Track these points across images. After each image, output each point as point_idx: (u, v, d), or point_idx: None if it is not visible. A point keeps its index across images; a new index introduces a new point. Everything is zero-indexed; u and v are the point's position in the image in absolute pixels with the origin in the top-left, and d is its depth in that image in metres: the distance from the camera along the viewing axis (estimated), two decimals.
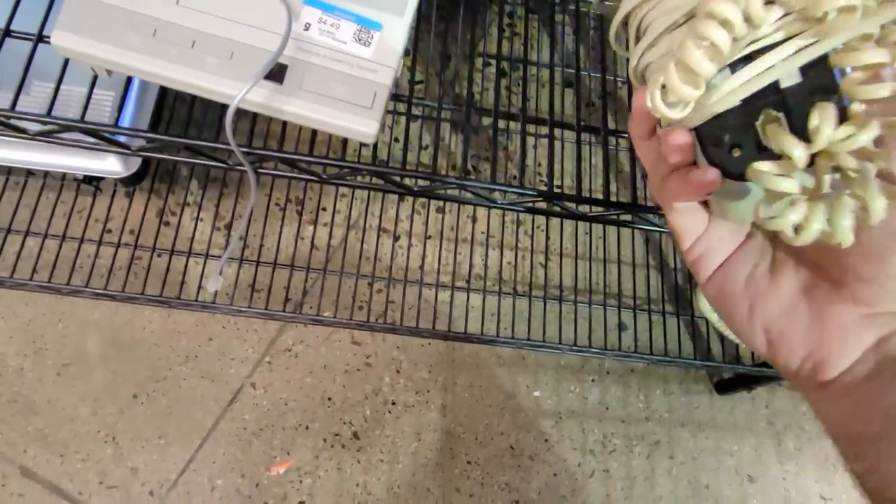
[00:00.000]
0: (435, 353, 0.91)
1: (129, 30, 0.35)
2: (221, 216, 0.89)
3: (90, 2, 0.35)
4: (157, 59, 0.35)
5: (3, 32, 0.39)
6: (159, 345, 0.85)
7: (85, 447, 0.79)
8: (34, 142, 0.63)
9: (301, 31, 0.36)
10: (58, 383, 0.81)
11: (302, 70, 0.36)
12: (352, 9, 0.37)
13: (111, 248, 0.77)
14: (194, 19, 0.36)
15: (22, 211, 0.77)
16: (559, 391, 0.91)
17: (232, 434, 0.83)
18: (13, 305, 0.83)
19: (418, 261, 0.91)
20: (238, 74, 0.36)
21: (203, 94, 0.36)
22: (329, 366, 0.88)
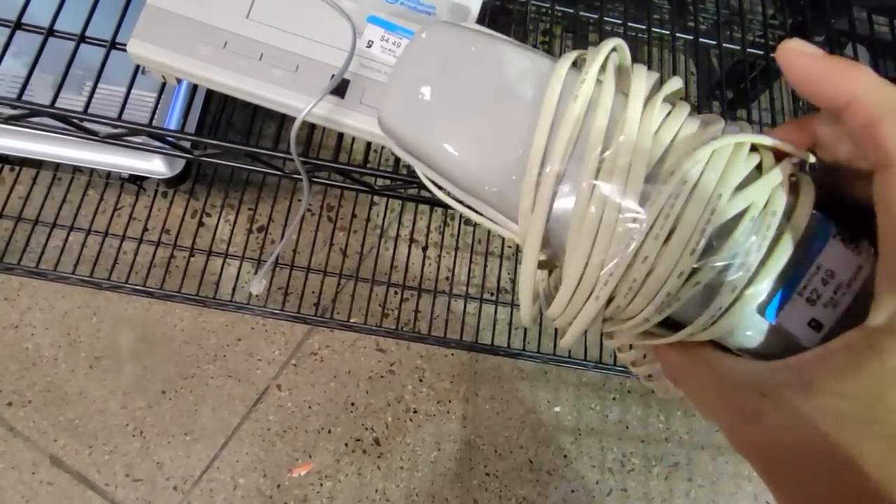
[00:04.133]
0: (458, 364, 0.91)
1: (201, 41, 0.37)
2: (257, 220, 0.91)
3: (165, 13, 0.37)
4: (226, 70, 0.37)
5: (79, 38, 0.40)
6: (189, 343, 0.87)
7: (113, 439, 0.81)
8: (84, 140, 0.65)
9: (364, 47, 0.38)
10: (90, 376, 0.83)
11: (363, 85, 0.37)
12: (413, 28, 0.39)
13: (149, 246, 0.79)
14: (263, 33, 0.37)
15: (65, 208, 0.79)
16: (580, 408, 0.92)
17: (256, 434, 0.84)
18: (50, 298, 0.85)
19: (446, 272, 0.93)
20: (303, 87, 0.37)
21: (268, 106, 0.37)
22: (353, 371, 0.89)
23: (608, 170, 0.20)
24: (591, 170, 0.20)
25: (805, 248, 0.20)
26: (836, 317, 0.20)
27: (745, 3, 0.72)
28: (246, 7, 0.38)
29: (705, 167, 0.20)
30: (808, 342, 0.20)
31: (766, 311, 0.20)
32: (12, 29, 0.41)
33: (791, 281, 0.20)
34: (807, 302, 0.20)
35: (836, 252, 0.20)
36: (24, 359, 0.83)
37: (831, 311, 0.20)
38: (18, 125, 0.40)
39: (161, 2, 0.37)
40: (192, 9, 0.37)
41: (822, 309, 0.20)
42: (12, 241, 0.76)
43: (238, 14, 0.38)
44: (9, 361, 0.82)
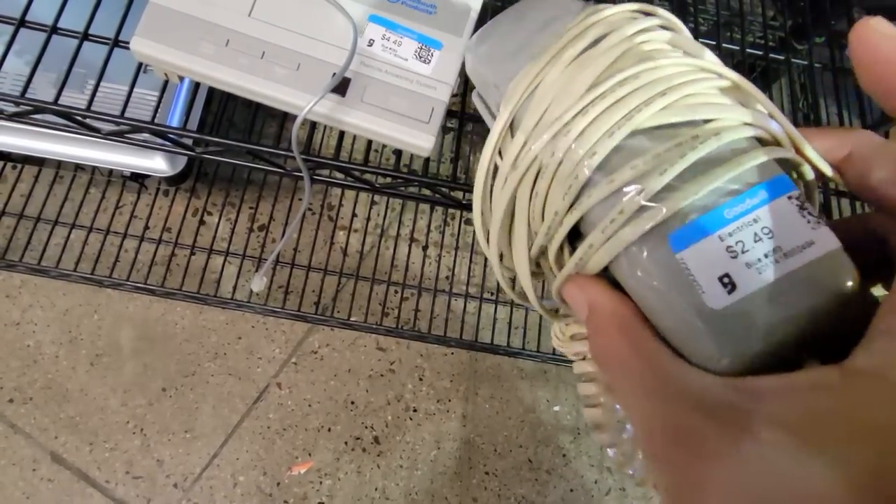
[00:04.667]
0: (458, 363, 0.92)
1: (204, 39, 0.37)
2: (257, 219, 0.91)
3: (168, 11, 0.37)
4: (228, 68, 0.37)
5: (82, 36, 0.41)
6: (190, 341, 0.87)
7: (114, 437, 0.81)
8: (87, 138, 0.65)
9: (365, 46, 0.38)
10: (91, 373, 0.83)
11: (364, 84, 0.38)
12: (414, 27, 0.39)
13: (150, 244, 0.80)
14: (265, 31, 0.38)
15: (67, 206, 0.80)
16: (579, 407, 0.92)
17: (256, 432, 0.84)
18: (52, 295, 0.85)
19: (446, 271, 0.93)
20: (304, 86, 0.37)
21: (270, 103, 0.38)
22: (353, 370, 0.89)
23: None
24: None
25: (747, 193, 0.18)
26: (757, 287, 0.17)
27: (746, 5, 0.72)
28: (248, 5, 0.38)
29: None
30: (713, 300, 0.17)
31: (671, 237, 0.18)
32: (16, 26, 0.41)
33: (715, 218, 0.17)
34: (727, 251, 0.17)
35: (784, 213, 0.18)
36: (25, 356, 0.83)
37: (754, 275, 0.17)
38: (21, 123, 0.41)
39: (164, 0, 0.38)
40: (194, 7, 0.38)
41: (742, 268, 0.17)
42: (14, 239, 0.77)
43: (240, 12, 0.38)
44: (10, 358, 0.83)
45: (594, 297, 0.19)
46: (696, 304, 0.17)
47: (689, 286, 0.17)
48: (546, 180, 0.21)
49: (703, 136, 0.18)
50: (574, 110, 0.20)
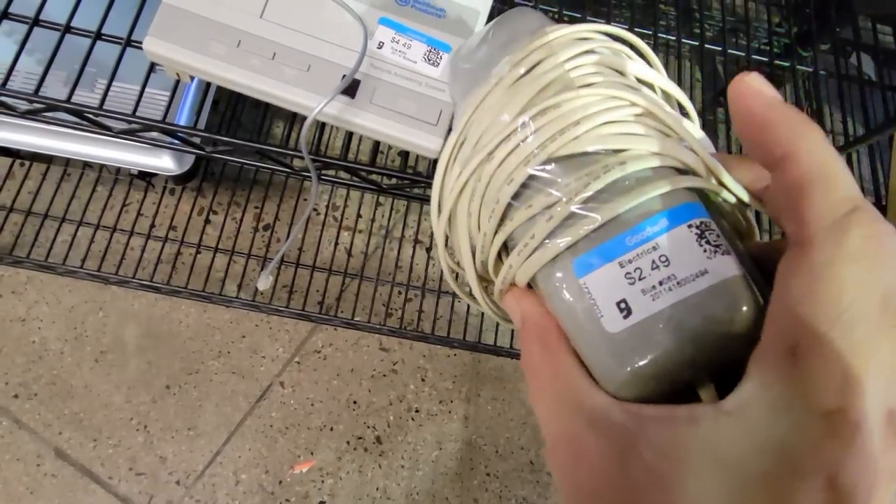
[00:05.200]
0: (460, 364, 0.92)
1: (215, 40, 0.38)
2: (263, 218, 0.91)
3: (181, 12, 0.38)
4: (239, 69, 0.37)
5: (95, 35, 0.41)
6: (194, 339, 0.87)
7: (117, 433, 0.82)
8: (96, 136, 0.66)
9: (374, 48, 0.39)
10: (95, 370, 0.84)
11: (373, 85, 0.38)
12: (423, 30, 0.39)
13: (156, 242, 0.80)
14: (276, 32, 0.38)
15: (74, 203, 0.80)
16: None
17: (258, 430, 0.85)
18: (57, 292, 0.86)
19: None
20: (314, 87, 0.38)
21: (280, 104, 0.38)
22: (356, 370, 0.89)
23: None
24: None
25: (648, 221, 0.18)
26: (651, 313, 0.18)
27: (751, 11, 0.73)
28: (259, 7, 0.38)
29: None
30: (610, 324, 0.18)
31: (575, 263, 0.19)
32: (30, 25, 0.42)
33: (616, 245, 0.18)
34: (625, 277, 0.18)
35: (682, 242, 0.18)
36: (30, 352, 0.84)
37: (648, 301, 0.18)
38: (33, 120, 0.41)
39: (177, 1, 0.38)
40: (206, 8, 0.38)
41: (638, 294, 0.18)
42: (21, 236, 0.77)
43: (252, 13, 0.38)
44: (15, 354, 0.83)
45: (525, 308, 0.21)
46: (596, 326, 0.18)
47: (591, 309, 0.18)
48: (476, 202, 0.22)
49: (610, 166, 0.19)
50: (498, 138, 0.21)
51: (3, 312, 0.85)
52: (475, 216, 0.22)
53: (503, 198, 0.21)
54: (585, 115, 0.20)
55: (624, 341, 0.18)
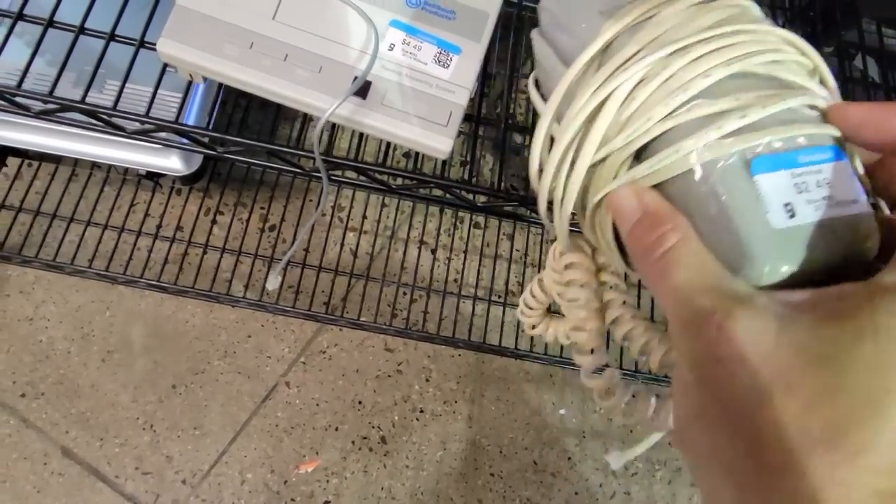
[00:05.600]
0: (464, 365, 0.92)
1: (228, 41, 0.38)
2: (269, 219, 0.92)
3: (194, 14, 0.38)
4: (252, 70, 0.38)
5: (109, 36, 0.42)
6: (200, 338, 0.88)
7: (124, 432, 0.82)
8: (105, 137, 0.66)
9: (385, 50, 0.39)
10: (102, 369, 0.84)
11: (384, 87, 0.39)
12: (434, 33, 0.40)
13: (163, 242, 0.81)
14: (288, 34, 0.39)
15: (81, 203, 0.81)
16: (584, 410, 0.92)
17: (264, 430, 0.85)
18: (64, 292, 0.86)
19: (455, 274, 0.94)
20: (326, 88, 0.38)
21: (292, 105, 0.39)
22: (361, 370, 0.90)
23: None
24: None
25: (819, 149, 0.21)
26: (812, 220, 0.20)
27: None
28: (272, 9, 0.39)
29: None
30: (774, 220, 0.20)
31: (754, 161, 0.21)
32: (45, 27, 0.42)
33: (791, 159, 0.21)
34: (794, 186, 0.21)
35: (842, 173, 0.21)
36: (37, 351, 0.84)
37: (812, 210, 0.20)
38: (45, 121, 0.42)
39: (190, 2, 0.38)
40: (219, 9, 0.38)
41: (803, 202, 0.21)
42: (30, 236, 0.78)
43: (264, 15, 0.39)
44: (23, 353, 0.84)
45: (652, 202, 0.22)
46: (759, 219, 0.20)
47: (757, 204, 0.21)
48: (649, 89, 0.23)
49: (800, 93, 0.22)
50: (696, 38, 0.23)
51: (10, 312, 0.85)
52: (637, 101, 0.23)
53: (694, 88, 0.22)
54: (778, 48, 0.23)
55: (784, 237, 0.20)
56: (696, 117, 0.22)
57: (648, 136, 0.23)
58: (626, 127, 0.23)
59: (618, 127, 0.23)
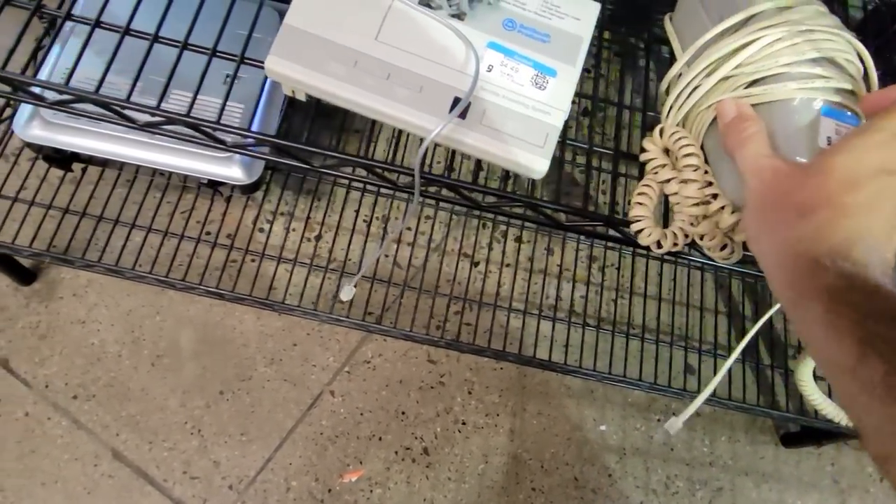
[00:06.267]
0: (506, 378, 0.93)
1: (333, 60, 0.39)
2: (319, 227, 0.93)
3: (300, 32, 0.39)
4: (355, 88, 0.39)
5: (182, 45, 0.43)
6: (247, 345, 0.89)
7: (172, 436, 0.83)
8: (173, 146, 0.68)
9: (484, 71, 0.40)
10: (151, 373, 0.86)
11: (483, 107, 0.40)
12: (530, 55, 0.41)
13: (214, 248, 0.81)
14: (390, 54, 0.40)
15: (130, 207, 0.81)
16: (625, 427, 0.92)
17: (309, 438, 0.86)
18: (116, 295, 0.88)
19: (495, 287, 0.94)
20: (426, 107, 0.39)
21: (393, 123, 0.40)
22: (405, 381, 0.90)
23: None
24: None
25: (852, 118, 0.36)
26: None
27: None
28: (375, 29, 0.40)
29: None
30: (821, 143, 0.35)
31: (824, 108, 0.36)
32: (121, 35, 0.43)
33: (841, 115, 0.36)
34: (835, 130, 0.35)
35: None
36: (89, 354, 0.85)
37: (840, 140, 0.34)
38: (147, 133, 0.43)
39: (297, 21, 0.40)
40: (325, 29, 0.40)
41: (837, 136, 0.35)
42: (94, 240, 0.79)
43: (368, 35, 0.40)
44: (75, 356, 0.85)
45: (745, 107, 0.37)
46: (813, 139, 0.35)
47: (816, 131, 0.35)
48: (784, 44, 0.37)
49: (855, 81, 0.38)
50: (817, 27, 0.37)
51: (64, 314, 0.86)
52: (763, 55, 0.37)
53: (808, 55, 0.36)
54: (849, 49, 0.38)
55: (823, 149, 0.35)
56: (803, 72, 0.36)
57: (769, 72, 0.37)
58: (754, 65, 0.37)
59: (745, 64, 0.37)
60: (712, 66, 0.39)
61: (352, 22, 0.40)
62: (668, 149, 0.40)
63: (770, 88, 0.36)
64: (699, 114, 0.40)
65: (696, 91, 0.39)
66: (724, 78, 0.38)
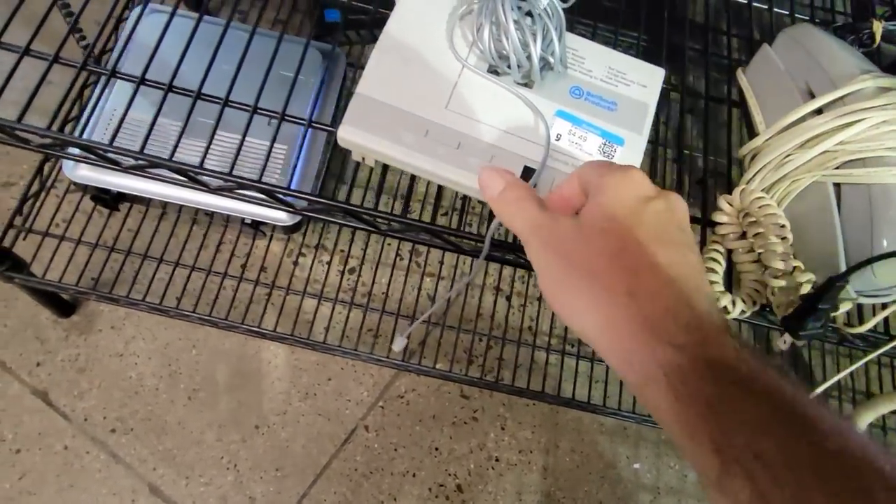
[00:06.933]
0: (539, 414, 0.93)
1: (405, 128, 0.40)
2: (350, 264, 0.94)
3: (372, 102, 0.40)
4: (427, 157, 0.39)
5: (252, 109, 0.44)
6: (282, 379, 0.89)
7: (209, 471, 0.83)
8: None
9: (553, 139, 0.40)
10: (188, 407, 0.86)
11: (552, 175, 0.40)
12: (598, 123, 0.41)
13: (256, 286, 0.82)
14: (460, 122, 0.40)
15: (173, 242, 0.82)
16: (659, 465, 0.92)
17: (343, 474, 0.86)
18: (153, 329, 0.89)
19: (528, 321, 0.94)
20: None
21: (464, 191, 0.40)
22: (438, 416, 0.90)
23: None
24: None
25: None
26: None
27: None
28: (445, 97, 0.41)
29: None
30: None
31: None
32: (165, 92, 0.44)
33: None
34: None
35: None
36: (127, 387, 0.86)
37: None
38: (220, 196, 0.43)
39: (368, 90, 0.40)
40: (395, 98, 0.40)
41: None
42: (137, 278, 0.79)
43: (438, 104, 0.40)
44: (113, 389, 0.85)
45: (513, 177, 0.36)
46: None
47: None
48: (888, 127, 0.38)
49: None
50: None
51: (102, 347, 0.87)
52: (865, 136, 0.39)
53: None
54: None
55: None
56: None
57: (872, 153, 0.38)
58: (855, 144, 0.38)
59: (846, 142, 0.39)
60: (811, 142, 0.40)
61: (422, 91, 0.41)
62: (746, 213, 0.40)
63: (873, 172, 0.37)
64: (787, 185, 0.40)
65: (789, 162, 0.40)
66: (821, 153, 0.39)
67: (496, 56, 0.40)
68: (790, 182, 0.40)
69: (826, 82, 0.41)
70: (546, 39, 0.40)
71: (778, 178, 0.40)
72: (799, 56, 0.44)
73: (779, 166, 0.40)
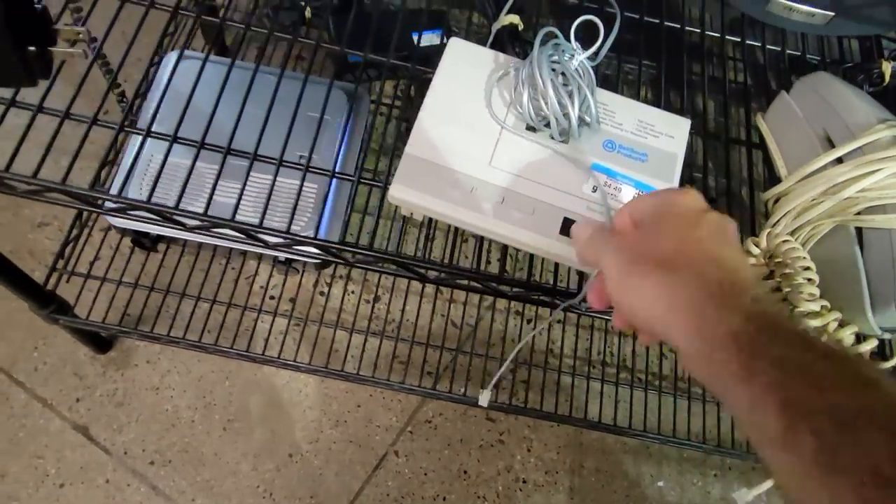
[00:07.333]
0: (563, 435, 0.95)
1: (452, 186, 0.43)
2: (380, 297, 0.96)
3: (421, 161, 0.43)
4: (473, 213, 0.42)
5: (278, 162, 0.46)
6: (313, 408, 0.92)
7: (246, 500, 0.86)
8: None
9: (589, 192, 0.43)
10: (223, 438, 0.89)
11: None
12: (631, 174, 0.44)
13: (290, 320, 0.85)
14: (503, 179, 0.43)
15: (212, 280, 0.85)
16: (682, 483, 0.94)
17: (375, 499, 0.88)
18: (187, 362, 0.91)
19: (550, 344, 0.97)
20: (538, 228, 0.42)
21: (508, 243, 0.43)
22: (465, 440, 0.93)
23: None
24: None
25: None
26: None
27: None
28: (488, 155, 0.44)
29: None
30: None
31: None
32: (197, 149, 0.47)
33: None
34: None
35: None
36: (164, 420, 0.88)
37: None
38: (274, 250, 0.46)
39: (416, 150, 0.43)
40: (442, 157, 0.43)
41: None
42: (177, 315, 0.82)
43: (482, 161, 0.43)
44: (151, 422, 0.88)
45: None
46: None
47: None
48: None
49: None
50: None
51: (139, 381, 0.90)
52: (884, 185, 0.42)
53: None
54: None
55: None
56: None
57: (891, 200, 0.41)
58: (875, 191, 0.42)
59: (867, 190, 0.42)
60: (833, 189, 0.43)
61: (466, 149, 0.43)
62: (772, 255, 0.43)
63: (894, 218, 0.41)
64: (811, 228, 0.44)
65: (812, 208, 0.43)
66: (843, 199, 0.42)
67: (535, 117, 0.43)
68: (813, 226, 0.42)
69: (844, 130, 0.43)
70: (581, 98, 0.43)
71: (802, 223, 0.43)
72: (816, 104, 0.47)
73: (803, 211, 0.43)
